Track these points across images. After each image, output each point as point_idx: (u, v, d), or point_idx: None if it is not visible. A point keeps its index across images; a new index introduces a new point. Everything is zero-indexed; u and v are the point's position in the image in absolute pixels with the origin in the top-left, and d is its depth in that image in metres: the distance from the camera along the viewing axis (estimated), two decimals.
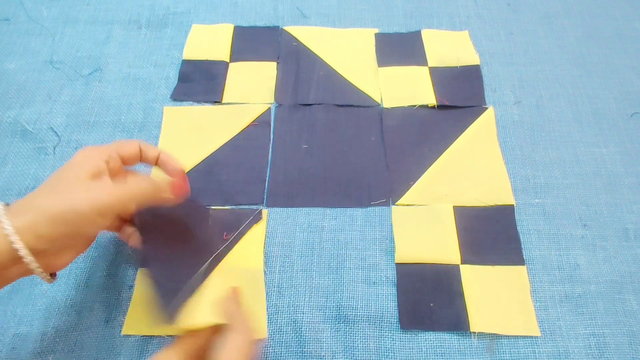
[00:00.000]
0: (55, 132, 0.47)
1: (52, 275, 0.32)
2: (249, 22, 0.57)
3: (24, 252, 0.28)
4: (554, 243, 0.41)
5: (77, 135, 0.47)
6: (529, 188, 0.44)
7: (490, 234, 0.41)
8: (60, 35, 0.55)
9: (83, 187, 0.30)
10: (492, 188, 0.44)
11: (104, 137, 0.47)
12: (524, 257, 0.40)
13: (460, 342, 0.36)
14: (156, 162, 0.36)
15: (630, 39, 0.56)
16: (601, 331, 0.37)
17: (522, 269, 0.39)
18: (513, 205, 0.43)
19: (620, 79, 0.52)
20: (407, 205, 0.43)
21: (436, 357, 0.36)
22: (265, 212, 0.42)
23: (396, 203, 0.43)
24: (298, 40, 0.55)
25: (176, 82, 0.51)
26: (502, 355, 0.36)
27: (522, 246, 0.41)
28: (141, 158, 0.35)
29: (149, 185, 0.33)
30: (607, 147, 0.47)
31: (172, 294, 0.33)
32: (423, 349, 0.36)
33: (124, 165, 0.34)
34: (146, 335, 0.37)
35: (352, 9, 0.59)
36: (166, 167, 0.36)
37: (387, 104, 0.49)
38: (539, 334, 0.37)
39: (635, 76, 0.52)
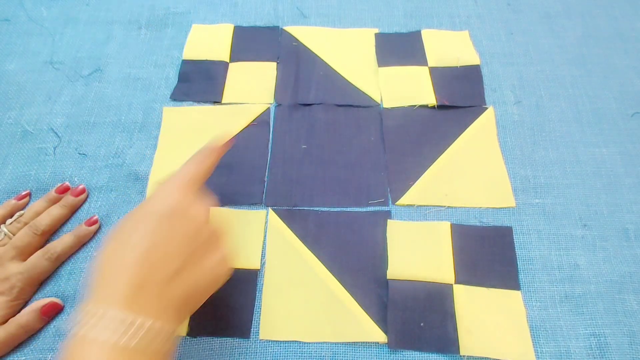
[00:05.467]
0: (56, 133, 0.47)
1: None
2: (249, 22, 0.57)
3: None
4: (554, 243, 0.41)
5: (77, 136, 0.47)
6: (529, 188, 0.44)
7: (487, 254, 0.40)
8: (60, 36, 0.55)
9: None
10: (492, 188, 0.44)
11: (104, 138, 0.47)
12: (520, 281, 0.39)
13: None
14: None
15: (630, 38, 0.55)
16: (602, 331, 0.37)
17: (517, 294, 0.38)
18: (512, 209, 0.42)
19: (621, 79, 0.52)
20: (407, 205, 0.43)
21: None
22: (264, 212, 0.42)
23: (396, 203, 0.43)
24: (298, 40, 0.55)
25: (176, 82, 0.51)
26: None
27: (520, 267, 0.40)
28: None
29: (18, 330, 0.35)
30: (608, 147, 0.47)
31: None
32: None
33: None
34: None
35: (352, 9, 0.58)
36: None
37: (387, 104, 0.49)
38: None
39: (636, 76, 0.52)
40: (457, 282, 0.39)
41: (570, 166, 0.45)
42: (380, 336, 0.36)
